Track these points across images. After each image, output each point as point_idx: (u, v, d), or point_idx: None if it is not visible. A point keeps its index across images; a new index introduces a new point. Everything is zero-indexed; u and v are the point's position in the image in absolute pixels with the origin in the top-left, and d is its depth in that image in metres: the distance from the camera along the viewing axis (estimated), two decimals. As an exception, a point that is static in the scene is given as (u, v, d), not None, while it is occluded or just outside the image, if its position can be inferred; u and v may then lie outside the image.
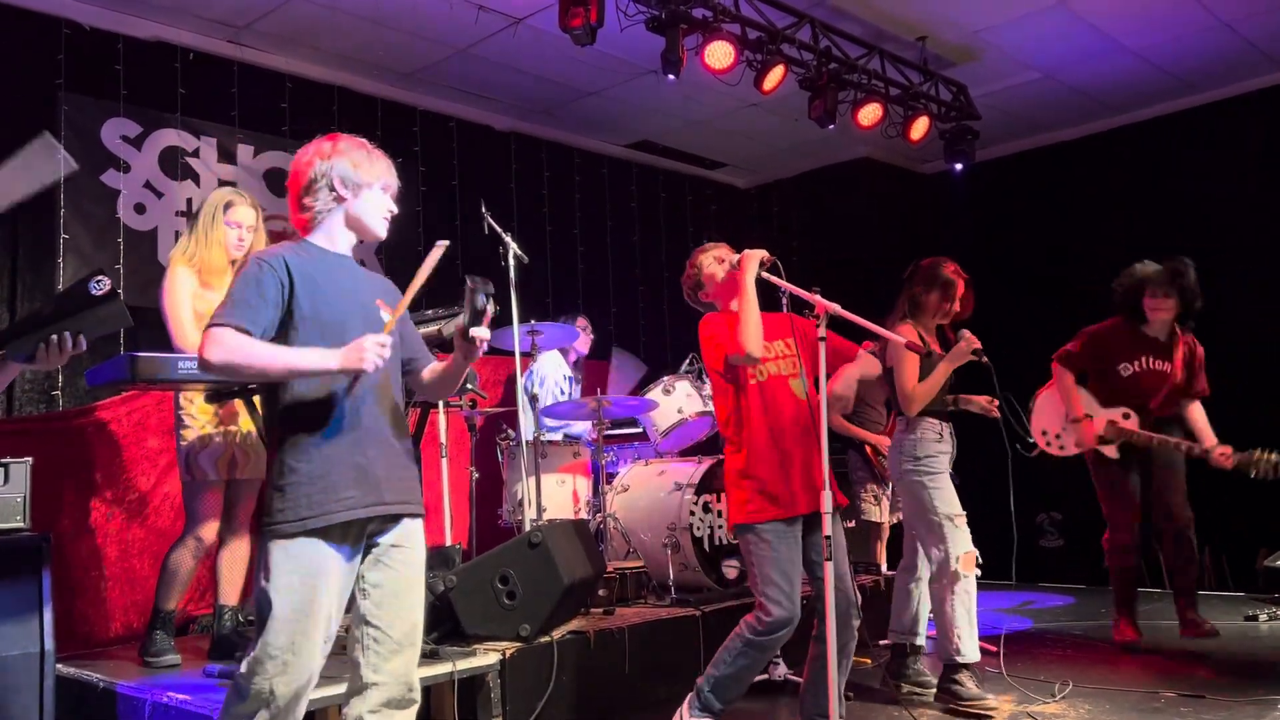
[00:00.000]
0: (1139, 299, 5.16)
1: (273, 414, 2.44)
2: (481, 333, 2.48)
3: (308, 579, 2.32)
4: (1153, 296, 5.12)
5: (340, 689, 2.61)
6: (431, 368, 2.73)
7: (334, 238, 2.56)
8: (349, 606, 2.48)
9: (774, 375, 3.50)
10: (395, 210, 2.61)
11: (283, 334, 2.40)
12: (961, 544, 4.04)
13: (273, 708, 2.33)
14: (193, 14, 5.70)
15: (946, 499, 4.11)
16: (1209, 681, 4.35)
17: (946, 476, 4.18)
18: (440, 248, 2.40)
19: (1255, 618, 5.74)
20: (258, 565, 2.39)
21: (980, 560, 4.08)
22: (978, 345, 4.04)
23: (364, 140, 2.59)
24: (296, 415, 2.39)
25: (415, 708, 2.52)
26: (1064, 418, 5.25)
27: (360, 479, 2.39)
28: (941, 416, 4.24)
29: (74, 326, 2.12)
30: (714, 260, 3.64)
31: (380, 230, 2.59)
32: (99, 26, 5.58)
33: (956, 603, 4.01)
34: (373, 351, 2.29)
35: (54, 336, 2.12)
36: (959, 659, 4.01)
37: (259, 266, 2.39)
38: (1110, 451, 5.13)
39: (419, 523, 2.55)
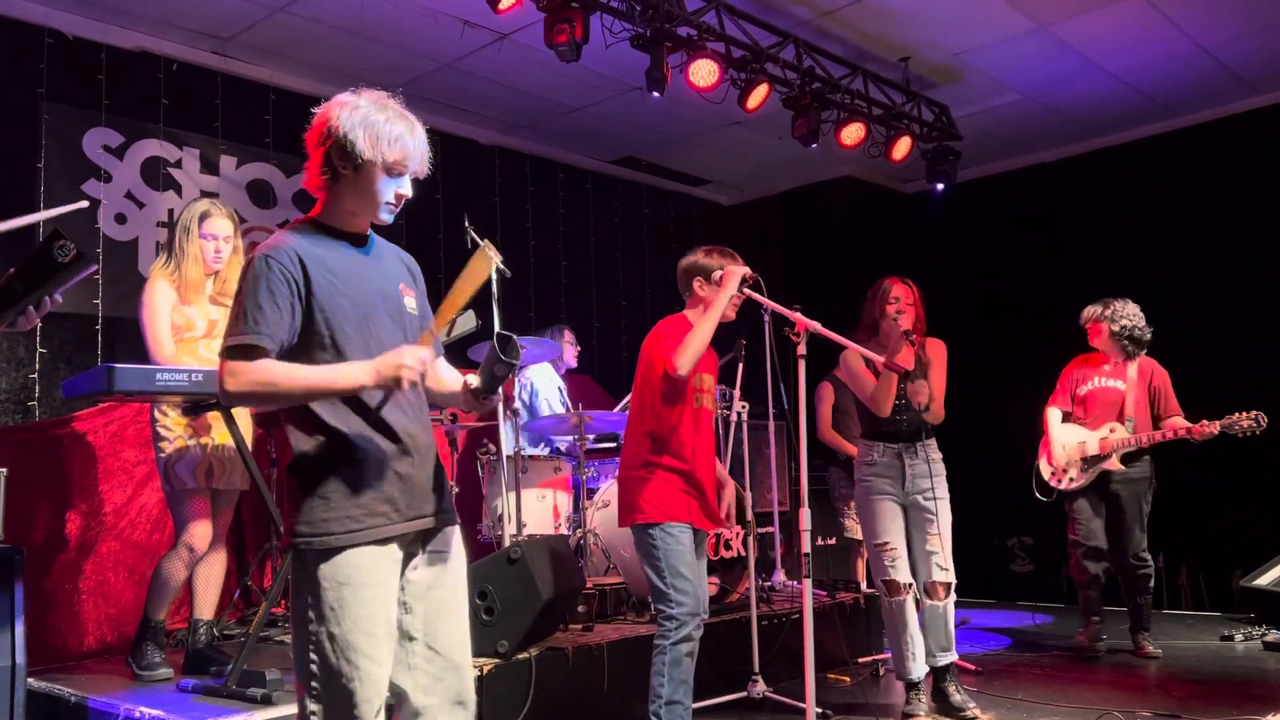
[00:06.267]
0: None
1: (304, 417, 2.15)
2: (493, 402, 2.33)
3: (360, 591, 2.09)
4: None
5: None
6: (437, 379, 2.43)
7: (342, 215, 2.26)
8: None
9: (705, 408, 3.59)
10: (408, 194, 2.26)
11: (304, 338, 2.14)
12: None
13: None
14: (177, 25, 5.68)
15: (866, 524, 4.30)
16: (1185, 701, 4.37)
17: (877, 501, 4.22)
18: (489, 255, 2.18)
19: (1231, 638, 5.78)
20: (294, 592, 2.14)
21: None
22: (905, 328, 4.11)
23: (390, 101, 2.24)
24: (334, 419, 2.14)
25: None
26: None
27: (406, 489, 2.19)
28: (880, 437, 4.28)
29: (48, 290, 2.17)
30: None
31: (377, 216, 2.26)
32: (82, 36, 5.55)
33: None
34: (412, 366, 2.04)
35: (30, 305, 2.15)
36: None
37: (266, 265, 2.10)
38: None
39: (457, 530, 2.35)
